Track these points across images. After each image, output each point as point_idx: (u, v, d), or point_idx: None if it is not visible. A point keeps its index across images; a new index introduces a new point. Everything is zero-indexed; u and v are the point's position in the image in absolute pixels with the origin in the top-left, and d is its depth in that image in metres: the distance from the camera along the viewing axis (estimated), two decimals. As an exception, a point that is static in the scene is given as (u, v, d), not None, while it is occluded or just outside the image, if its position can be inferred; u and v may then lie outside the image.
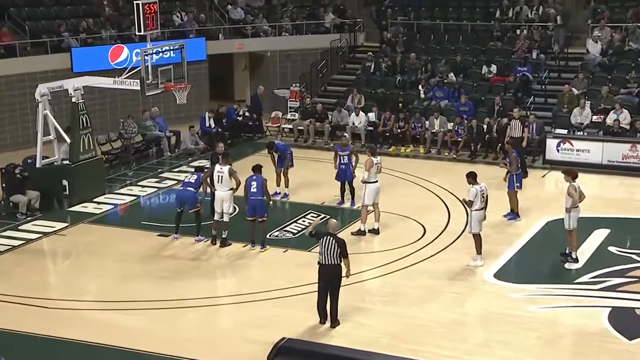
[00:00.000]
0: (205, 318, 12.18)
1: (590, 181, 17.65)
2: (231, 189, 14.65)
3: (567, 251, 13.74)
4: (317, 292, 11.60)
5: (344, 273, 11.52)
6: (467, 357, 10.79)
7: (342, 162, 16.59)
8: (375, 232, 15.30)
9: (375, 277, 13.36)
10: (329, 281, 11.43)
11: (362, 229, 15.23)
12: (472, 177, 13.60)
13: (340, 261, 11.39)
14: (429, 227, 15.61)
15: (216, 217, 14.77)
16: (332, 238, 11.41)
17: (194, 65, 23.83)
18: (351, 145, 17.21)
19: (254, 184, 14.26)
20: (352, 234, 15.10)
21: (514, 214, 15.97)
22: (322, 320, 11.61)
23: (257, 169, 14.54)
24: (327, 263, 11.37)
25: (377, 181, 15.22)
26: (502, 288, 12.91)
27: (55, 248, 15.42)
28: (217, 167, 14.78)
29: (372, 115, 22.35)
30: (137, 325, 11.80)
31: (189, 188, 14.94)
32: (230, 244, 14.71)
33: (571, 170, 13.92)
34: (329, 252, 11.33)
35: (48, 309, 12.39)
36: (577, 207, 13.51)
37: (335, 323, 11.60)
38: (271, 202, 14.83)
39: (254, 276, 13.55)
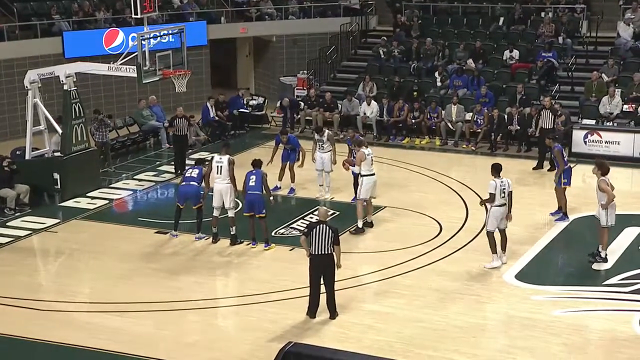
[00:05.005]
0: (208, 320, 12.26)
1: (620, 175, 17.60)
2: (230, 181, 14.67)
3: (599, 250, 13.67)
4: (309, 286, 11.83)
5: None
6: (487, 364, 10.85)
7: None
8: (369, 225, 15.40)
9: (388, 278, 13.39)
10: (323, 272, 11.71)
11: (360, 225, 15.26)
12: (495, 170, 13.57)
13: (332, 250, 11.61)
14: (446, 225, 15.63)
15: (215, 213, 14.82)
16: (325, 226, 11.67)
17: (195, 51, 23.92)
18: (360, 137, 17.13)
19: (253, 177, 14.34)
20: (350, 232, 15.15)
21: (561, 213, 15.79)
22: (312, 316, 11.86)
23: (257, 163, 14.60)
24: (320, 253, 11.61)
25: (374, 173, 15.27)
26: (524, 290, 12.92)
27: (46, 246, 15.50)
28: (216, 157, 14.86)
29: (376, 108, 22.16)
30: (136, 329, 11.87)
31: (192, 183, 14.98)
32: (241, 242, 14.75)
33: (603, 163, 13.71)
34: (322, 241, 11.56)
35: (39, 311, 12.45)
36: (613, 202, 13.48)
37: (335, 314, 11.87)
38: (272, 198, 14.88)
39: (259, 276, 13.61)
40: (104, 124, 19.65)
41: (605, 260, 13.66)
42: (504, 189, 13.48)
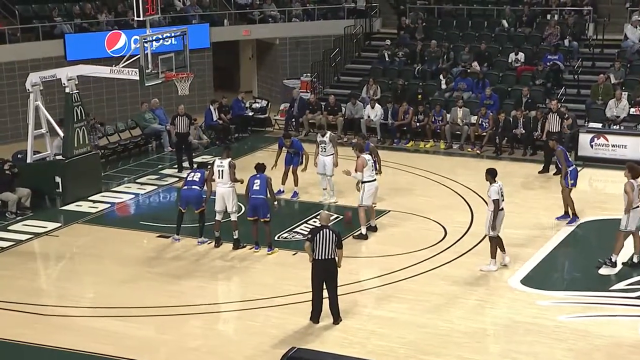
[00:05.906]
0: (210, 325, 12.26)
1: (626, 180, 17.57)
2: (232, 185, 14.69)
3: (630, 258, 13.67)
4: (312, 291, 11.85)
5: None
6: (492, 369, 10.84)
7: None
8: (373, 229, 15.38)
9: (392, 283, 13.37)
10: (326, 277, 11.73)
11: (364, 232, 15.24)
12: (491, 175, 13.56)
13: (335, 254, 11.67)
14: (450, 229, 15.61)
15: (217, 217, 14.82)
16: (328, 230, 11.72)
17: (197, 54, 23.94)
18: (371, 145, 17.06)
19: (257, 181, 14.35)
20: (354, 237, 15.14)
21: (568, 217, 15.75)
22: (315, 321, 11.87)
23: (260, 167, 14.60)
24: (322, 258, 11.64)
25: (375, 179, 15.27)
26: (529, 295, 12.90)
27: (47, 250, 15.51)
28: (217, 161, 14.89)
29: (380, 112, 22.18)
30: (139, 334, 11.87)
31: (194, 187, 14.98)
32: (244, 246, 14.74)
33: (634, 167, 13.66)
34: (326, 245, 11.59)
35: (40, 316, 12.46)
36: (638, 207, 13.42)
37: (338, 319, 11.88)
38: (276, 203, 14.88)
39: (262, 281, 13.61)
40: (94, 129, 19.70)
41: (614, 265, 13.62)
42: (502, 191, 13.51)
